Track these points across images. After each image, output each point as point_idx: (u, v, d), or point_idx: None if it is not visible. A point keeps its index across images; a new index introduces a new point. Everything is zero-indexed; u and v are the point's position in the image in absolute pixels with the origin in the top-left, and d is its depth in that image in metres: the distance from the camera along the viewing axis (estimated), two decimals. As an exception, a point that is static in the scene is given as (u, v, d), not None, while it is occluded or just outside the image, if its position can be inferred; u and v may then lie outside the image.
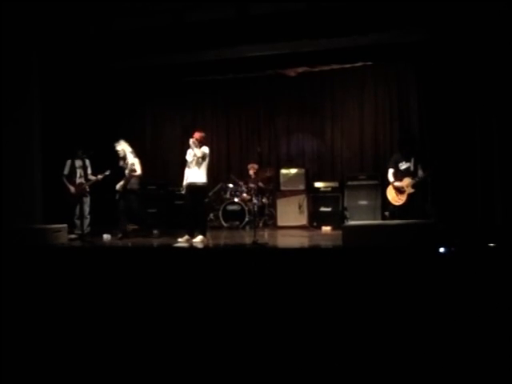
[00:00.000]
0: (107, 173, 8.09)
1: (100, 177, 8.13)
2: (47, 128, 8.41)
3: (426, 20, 7.32)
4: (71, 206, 8.29)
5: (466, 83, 7.33)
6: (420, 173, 7.01)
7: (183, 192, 7.63)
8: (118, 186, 7.84)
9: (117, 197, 7.89)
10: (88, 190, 8.35)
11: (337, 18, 7.42)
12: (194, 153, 7.24)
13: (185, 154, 7.51)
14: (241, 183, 9.65)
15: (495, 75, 6.85)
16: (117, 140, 7.95)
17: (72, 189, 8.26)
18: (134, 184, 7.87)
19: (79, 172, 8.36)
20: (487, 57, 6.94)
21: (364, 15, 7.30)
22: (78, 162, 8.36)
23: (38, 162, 8.27)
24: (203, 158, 7.28)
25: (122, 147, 7.88)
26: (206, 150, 7.35)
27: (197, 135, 7.33)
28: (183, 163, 10.49)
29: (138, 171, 7.89)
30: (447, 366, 2.93)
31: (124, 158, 7.88)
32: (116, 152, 7.88)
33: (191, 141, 7.25)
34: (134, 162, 7.87)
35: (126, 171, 7.83)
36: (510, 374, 2.76)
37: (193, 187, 7.33)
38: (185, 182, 7.46)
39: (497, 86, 6.83)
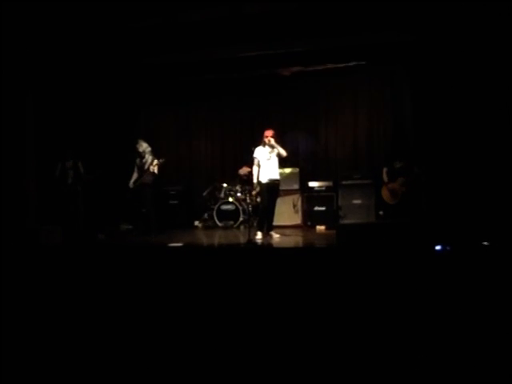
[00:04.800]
0: (97, 174, 8.14)
1: (90, 177, 8.13)
2: (41, 130, 8.37)
3: (418, 20, 7.34)
4: (65, 207, 8.26)
5: (459, 83, 7.37)
6: (416, 169, 7.04)
7: (257, 190, 7.85)
8: (131, 183, 8.06)
9: (128, 195, 8.00)
10: (80, 190, 8.30)
11: (329, 17, 7.43)
12: (278, 151, 7.55)
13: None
14: (234, 188, 9.64)
15: (488, 74, 6.89)
16: (136, 141, 8.28)
17: (64, 190, 8.23)
18: (148, 180, 8.01)
19: (71, 173, 8.33)
20: (479, 56, 6.98)
21: (356, 15, 7.32)
22: (69, 164, 8.32)
23: (31, 163, 8.23)
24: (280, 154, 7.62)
25: (143, 147, 8.13)
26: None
27: (272, 133, 7.56)
28: (178, 163, 10.59)
29: (155, 170, 8.03)
30: (442, 364, 2.93)
31: (142, 157, 8.10)
32: (136, 151, 8.16)
33: (272, 140, 7.50)
34: (154, 161, 8.02)
35: (146, 167, 8.00)
36: (507, 372, 2.77)
37: (274, 184, 7.63)
38: (264, 180, 7.55)
39: (490, 84, 6.87)
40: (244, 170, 9.36)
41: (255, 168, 7.63)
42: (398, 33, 7.74)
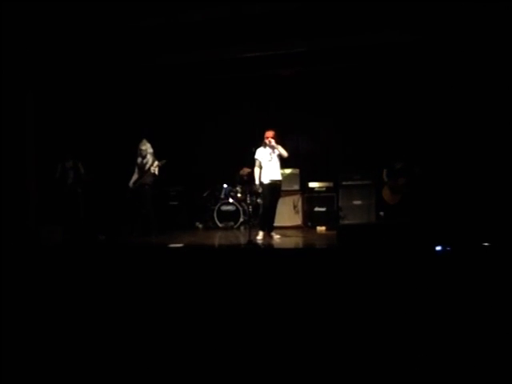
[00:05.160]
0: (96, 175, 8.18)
1: (90, 178, 8.15)
2: (41, 130, 8.36)
3: (418, 21, 7.34)
4: (65, 207, 8.26)
5: (459, 82, 7.36)
6: (416, 169, 7.03)
7: (260, 190, 7.77)
8: (131, 183, 8.09)
9: (128, 195, 7.99)
10: (80, 190, 8.31)
11: (329, 17, 7.43)
12: (279, 152, 7.53)
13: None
14: (234, 188, 9.64)
15: (488, 74, 6.89)
16: (139, 140, 8.29)
17: (64, 190, 8.24)
18: (148, 180, 8.02)
19: (71, 173, 8.33)
20: (480, 56, 6.98)
21: (356, 15, 7.32)
22: (69, 164, 8.33)
23: (31, 163, 8.22)
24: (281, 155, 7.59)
25: (146, 147, 8.14)
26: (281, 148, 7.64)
27: (273, 134, 7.55)
28: (178, 163, 10.57)
29: (156, 171, 8.05)
30: (442, 364, 2.93)
31: (144, 157, 8.10)
32: (138, 149, 8.16)
33: (273, 141, 7.50)
34: (155, 162, 8.04)
35: (147, 167, 8.02)
36: (507, 372, 2.77)
37: (276, 185, 7.60)
38: (266, 181, 7.54)
39: (491, 84, 6.87)
40: (244, 171, 9.35)
41: (257, 169, 7.62)
42: (399, 32, 7.74)
